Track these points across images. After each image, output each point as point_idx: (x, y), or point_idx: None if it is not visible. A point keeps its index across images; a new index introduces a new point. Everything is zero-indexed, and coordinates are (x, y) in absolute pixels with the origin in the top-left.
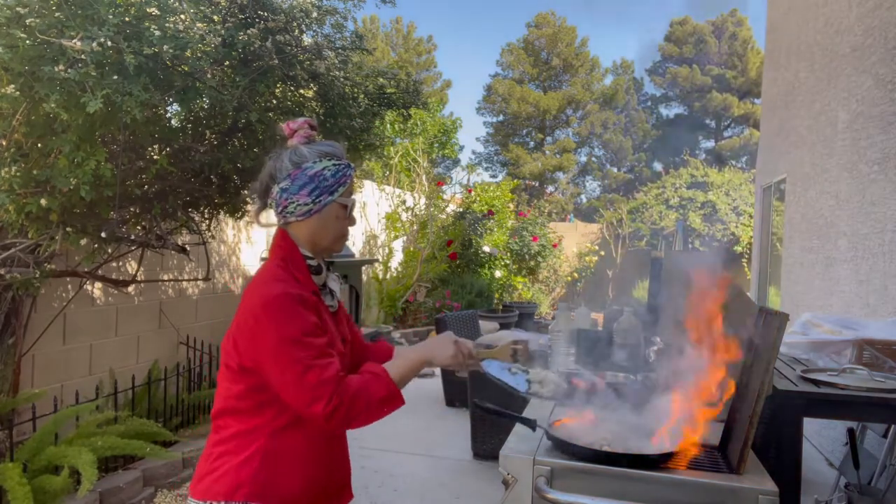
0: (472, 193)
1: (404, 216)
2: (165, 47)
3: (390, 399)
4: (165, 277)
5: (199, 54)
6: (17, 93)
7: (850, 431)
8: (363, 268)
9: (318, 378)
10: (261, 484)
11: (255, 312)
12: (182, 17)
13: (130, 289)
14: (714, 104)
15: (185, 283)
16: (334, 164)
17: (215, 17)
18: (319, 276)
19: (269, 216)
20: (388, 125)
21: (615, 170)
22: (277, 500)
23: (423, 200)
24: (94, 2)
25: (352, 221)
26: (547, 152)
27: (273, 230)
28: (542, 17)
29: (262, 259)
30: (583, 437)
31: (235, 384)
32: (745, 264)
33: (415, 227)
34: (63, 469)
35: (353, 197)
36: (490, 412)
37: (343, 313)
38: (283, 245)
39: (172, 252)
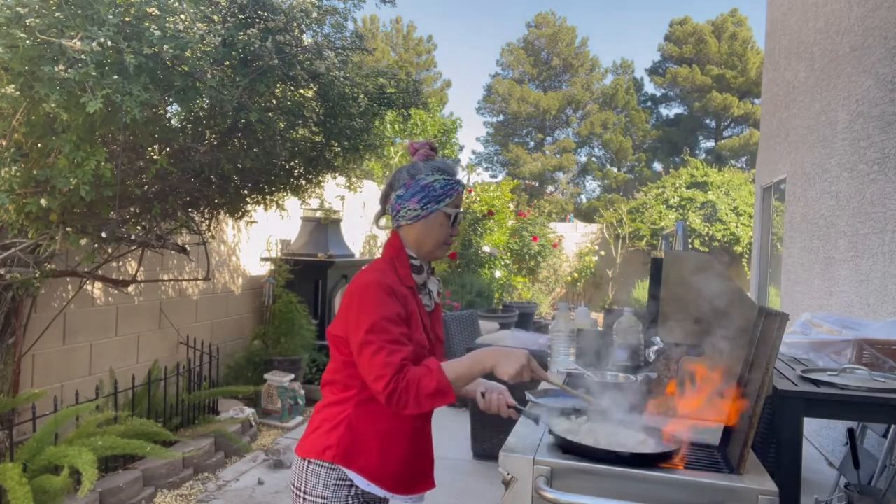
0: (472, 193)
1: None
2: (165, 47)
3: (439, 393)
4: (165, 277)
5: (199, 54)
6: (17, 93)
7: (850, 431)
8: (364, 268)
9: (384, 359)
10: (344, 448)
11: (350, 292)
12: (182, 17)
13: (130, 289)
14: (714, 104)
15: (185, 283)
16: (444, 178)
17: (215, 17)
18: (420, 275)
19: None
20: (388, 125)
21: (615, 170)
22: (357, 467)
23: None
24: (94, 2)
25: (455, 231)
26: (547, 152)
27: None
28: (542, 17)
29: (262, 259)
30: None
31: (336, 358)
32: (745, 264)
33: None
34: (63, 469)
35: (458, 209)
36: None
37: (438, 316)
38: (393, 244)
39: (172, 252)
